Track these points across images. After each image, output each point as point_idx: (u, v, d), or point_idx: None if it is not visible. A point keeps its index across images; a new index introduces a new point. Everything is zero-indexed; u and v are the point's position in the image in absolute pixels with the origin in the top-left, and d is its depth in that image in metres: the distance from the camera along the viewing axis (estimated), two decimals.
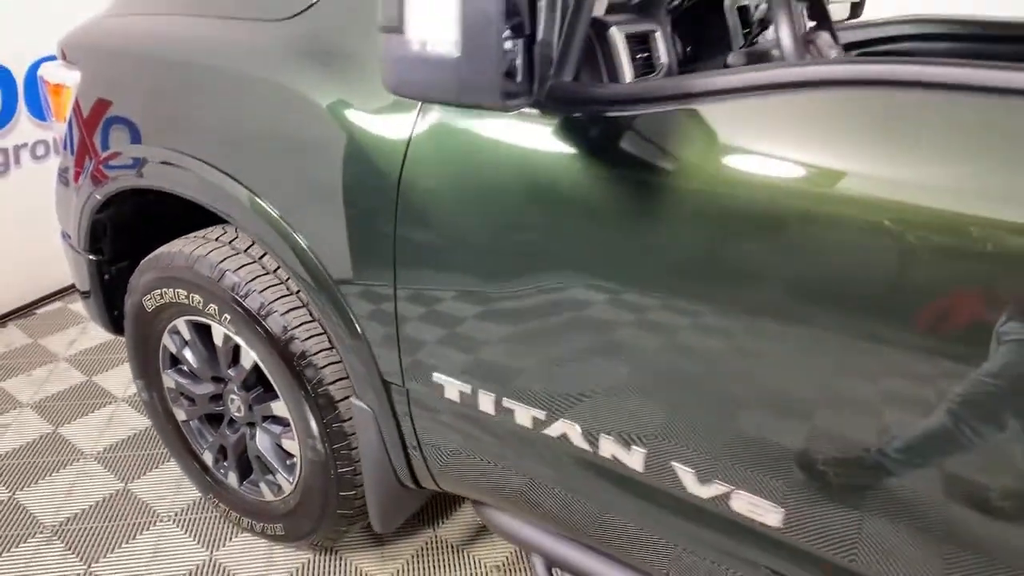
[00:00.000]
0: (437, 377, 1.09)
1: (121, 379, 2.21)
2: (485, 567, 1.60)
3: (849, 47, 2.26)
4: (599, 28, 0.98)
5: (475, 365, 1.04)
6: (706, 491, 0.89)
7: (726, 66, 1.24)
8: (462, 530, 1.70)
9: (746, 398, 0.82)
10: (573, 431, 0.99)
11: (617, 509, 1.03)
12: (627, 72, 0.99)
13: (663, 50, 1.12)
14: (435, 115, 0.96)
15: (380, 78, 0.72)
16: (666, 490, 0.93)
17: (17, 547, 1.60)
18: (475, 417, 1.08)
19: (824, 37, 1.25)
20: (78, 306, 2.58)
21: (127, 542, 1.62)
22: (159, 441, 1.77)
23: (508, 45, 0.64)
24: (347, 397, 1.28)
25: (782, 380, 0.79)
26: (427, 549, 1.64)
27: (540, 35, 0.72)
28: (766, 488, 0.84)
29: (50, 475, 1.82)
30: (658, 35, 1.11)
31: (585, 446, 0.98)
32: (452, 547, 1.65)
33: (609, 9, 1.01)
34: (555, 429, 1.00)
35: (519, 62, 0.71)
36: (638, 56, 1.05)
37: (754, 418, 0.83)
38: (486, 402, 1.06)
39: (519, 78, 0.71)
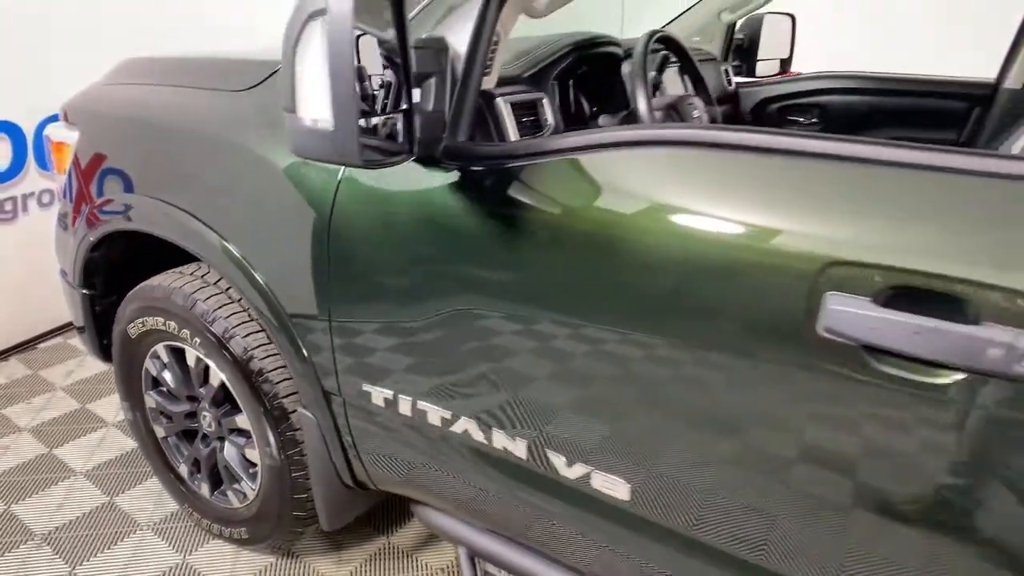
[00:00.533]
0: (365, 387, 1.29)
1: (113, 406, 2.41)
2: (431, 569, 1.77)
3: (779, 99, 2.52)
4: (488, 99, 1.21)
5: (394, 375, 1.24)
6: (572, 472, 1.09)
7: (598, 125, 1.47)
8: (413, 538, 1.87)
9: (606, 396, 1.02)
10: (472, 426, 1.18)
11: (514, 497, 1.21)
12: (512, 133, 1.22)
13: (549, 113, 1.35)
14: (355, 170, 1.19)
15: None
16: (542, 473, 1.13)
17: (10, 552, 1.78)
18: (396, 419, 1.28)
19: (695, 101, 1.48)
20: (76, 341, 2.79)
21: (109, 548, 1.80)
22: (143, 460, 1.95)
23: (376, 120, 0.86)
24: (296, 409, 1.48)
25: (629, 380, 0.98)
26: (380, 554, 1.81)
27: (417, 108, 0.95)
28: (618, 468, 1.03)
29: (43, 490, 2.01)
30: (544, 102, 1.34)
31: (482, 439, 1.18)
32: (403, 552, 1.82)
33: (500, 83, 1.24)
34: (459, 426, 1.20)
35: (400, 128, 0.94)
36: (525, 119, 1.28)
37: (606, 411, 1.02)
38: (404, 406, 1.26)
39: (400, 139, 0.94)
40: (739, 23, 2.54)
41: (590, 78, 1.55)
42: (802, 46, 2.70)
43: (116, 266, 1.84)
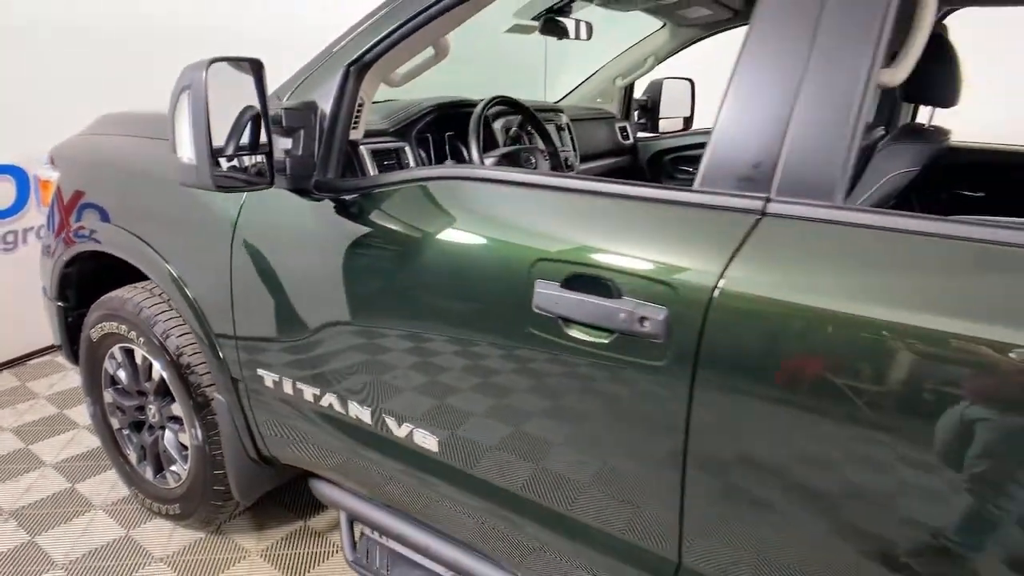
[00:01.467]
0: (259, 372, 1.62)
1: (85, 412, 2.73)
2: (337, 547, 2.05)
3: (670, 151, 2.91)
4: (354, 146, 1.57)
5: (279, 363, 1.57)
6: (400, 431, 1.40)
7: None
8: (327, 522, 2.16)
9: (419, 371, 1.34)
10: (334, 400, 1.50)
11: (365, 458, 1.52)
12: (371, 172, 1.58)
13: (411, 159, 1.71)
14: (250, 200, 1.55)
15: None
16: (383, 435, 1.44)
17: None
18: (282, 398, 1.61)
19: (532, 150, 1.84)
20: (61, 358, 3.13)
21: (66, 523, 2.11)
22: (104, 455, 2.27)
23: (228, 160, 1.23)
24: (213, 396, 1.80)
25: (431, 358, 1.31)
26: (296, 533, 2.10)
27: (290, 153, 1.31)
28: (429, 425, 1.35)
29: (14, 478, 2.33)
30: (406, 149, 1.71)
31: (341, 410, 1.50)
32: (316, 533, 2.11)
33: (368, 134, 1.60)
34: (325, 400, 1.52)
35: (264, 166, 1.30)
36: (389, 163, 1.63)
37: (420, 382, 1.34)
38: (287, 386, 1.58)
39: (263, 174, 1.30)
40: (644, 87, 2.93)
41: (456, 131, 1.93)
42: (708, 106, 3.09)
43: (85, 283, 2.20)
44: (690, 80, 2.95)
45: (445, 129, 1.86)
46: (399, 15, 1.37)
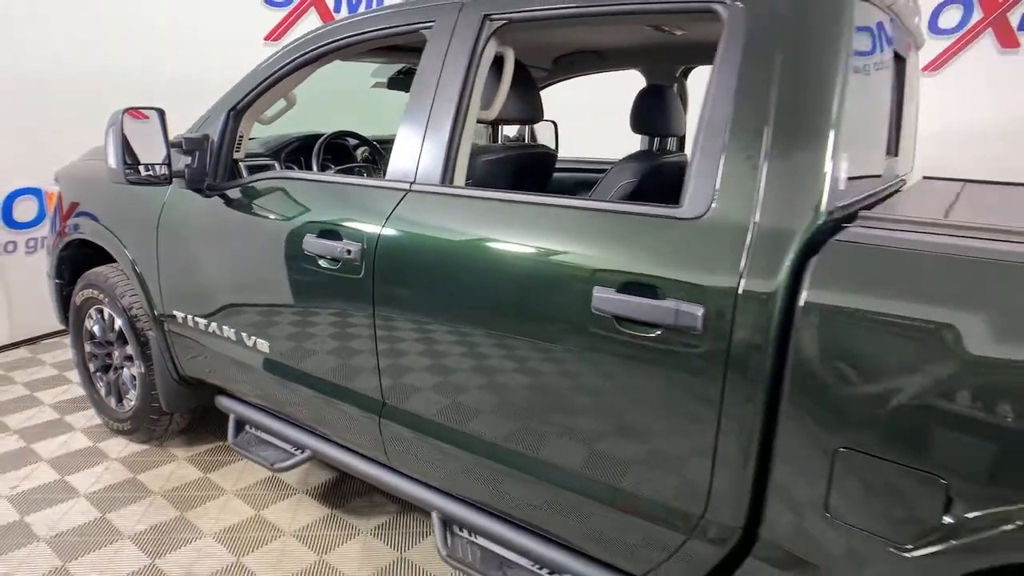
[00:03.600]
0: (174, 312, 2.43)
1: (76, 374, 3.57)
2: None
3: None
4: (235, 163, 2.38)
5: (184, 304, 2.38)
6: (249, 342, 2.18)
7: None
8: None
9: (261, 296, 2.12)
10: (214, 327, 2.29)
11: (238, 364, 2.30)
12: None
13: (278, 171, 2.53)
14: (168, 200, 2.37)
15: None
16: (245, 346, 2.22)
17: None
18: (189, 328, 2.40)
19: (363, 167, 2.65)
20: (66, 339, 3.99)
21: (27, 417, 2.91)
22: (85, 400, 3.08)
23: (142, 167, 2.06)
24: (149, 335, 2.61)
25: (267, 291, 2.09)
26: (217, 449, 2.87)
27: (188, 166, 2.15)
28: (262, 335, 2.13)
29: (22, 411, 3.15)
30: (276, 165, 2.52)
31: (219, 332, 2.29)
32: (229, 450, 2.87)
33: (249, 154, 2.42)
34: (212, 328, 2.31)
35: (164, 173, 2.13)
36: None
37: (261, 304, 2.13)
38: (190, 320, 2.38)
39: (163, 177, 2.13)
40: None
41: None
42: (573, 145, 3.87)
43: (75, 265, 3.04)
44: (554, 122, 3.75)
45: (308, 152, 2.70)
46: (257, 77, 2.21)
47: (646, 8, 1.50)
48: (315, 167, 2.55)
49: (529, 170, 2.20)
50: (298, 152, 2.64)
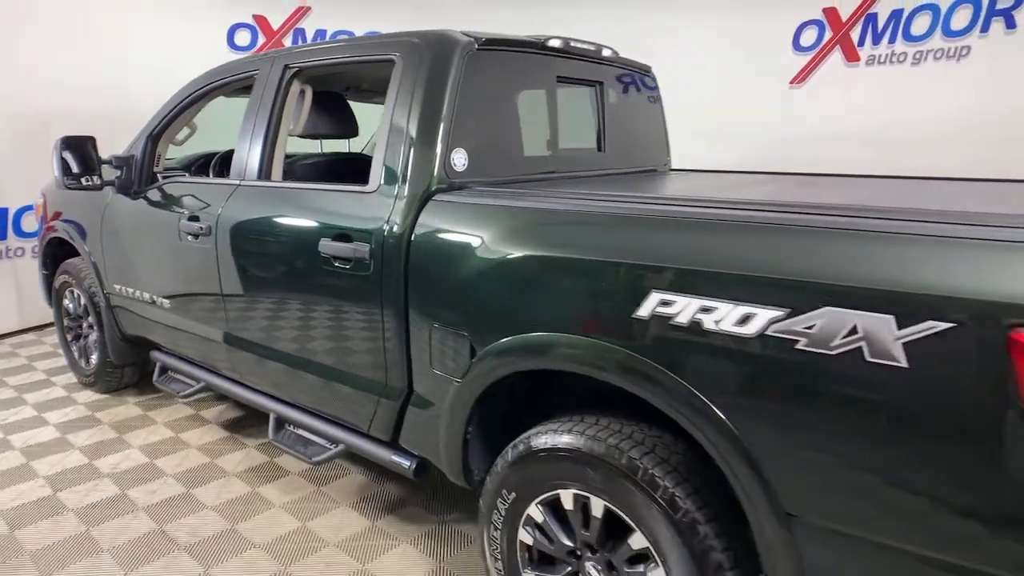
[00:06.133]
0: (115, 285, 3.29)
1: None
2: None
3: None
4: (153, 175, 3.21)
5: (120, 277, 3.24)
6: (159, 302, 3.02)
7: None
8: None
9: (166, 272, 2.96)
10: (139, 293, 3.14)
11: (156, 322, 3.14)
12: None
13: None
14: (109, 203, 3.24)
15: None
16: (156, 306, 3.06)
17: None
18: (124, 298, 3.26)
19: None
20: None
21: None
22: (69, 368, 3.96)
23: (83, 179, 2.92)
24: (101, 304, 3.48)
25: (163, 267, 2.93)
26: (158, 397, 3.71)
27: (118, 177, 3.02)
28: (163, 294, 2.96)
29: (25, 374, 4.05)
30: (186, 175, 3.37)
31: (140, 296, 3.13)
32: (168, 397, 3.72)
33: (166, 168, 3.27)
34: (140, 295, 3.16)
35: (97, 182, 3.00)
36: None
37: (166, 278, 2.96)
38: (126, 291, 3.24)
39: (96, 185, 3.00)
40: None
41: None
42: None
43: (56, 258, 3.94)
44: None
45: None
46: (163, 111, 3.07)
47: (357, 59, 2.31)
48: (211, 175, 3.39)
49: (342, 169, 2.99)
50: (204, 166, 3.49)
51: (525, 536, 1.83)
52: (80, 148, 2.98)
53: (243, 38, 5.71)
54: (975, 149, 4.11)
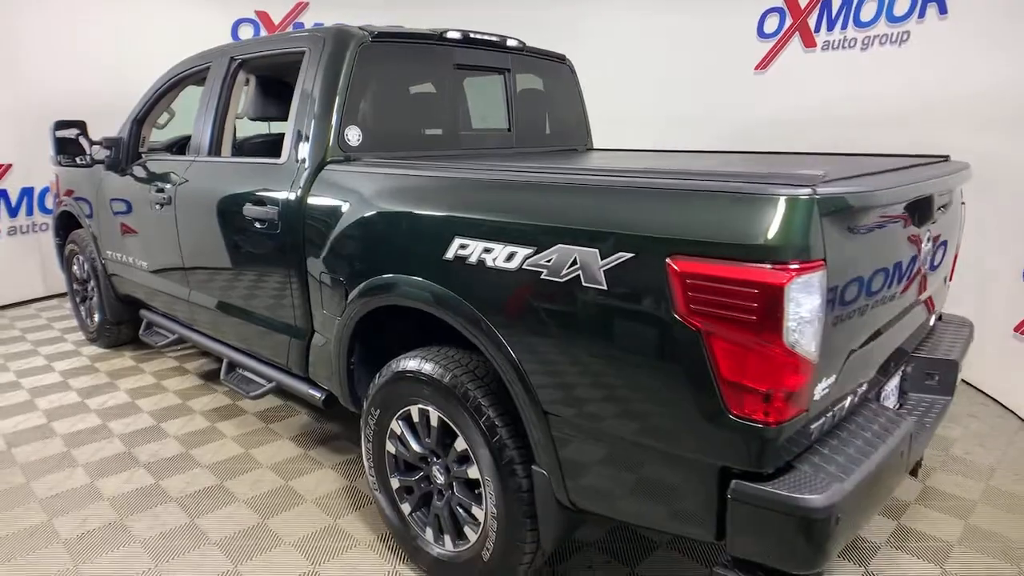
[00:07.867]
0: (108, 252, 3.79)
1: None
2: (189, 369, 4.15)
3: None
4: (139, 154, 3.68)
5: (112, 244, 3.73)
6: (145, 267, 3.50)
7: None
8: (184, 356, 4.26)
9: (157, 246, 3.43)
10: (131, 259, 3.62)
11: (142, 286, 3.62)
12: None
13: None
14: (104, 179, 3.73)
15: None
16: (139, 271, 3.54)
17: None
18: (115, 263, 3.76)
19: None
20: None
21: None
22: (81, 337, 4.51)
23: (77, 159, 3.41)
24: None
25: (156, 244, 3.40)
26: (152, 352, 4.22)
27: (108, 156, 3.50)
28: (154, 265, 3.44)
29: (44, 347, 4.62)
30: (167, 154, 3.83)
31: (133, 263, 3.62)
32: (161, 353, 4.21)
33: (149, 149, 3.73)
34: (134, 262, 3.64)
35: (89, 159, 3.49)
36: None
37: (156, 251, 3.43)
38: (118, 256, 3.73)
39: (87, 162, 3.49)
40: None
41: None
42: None
43: (66, 228, 4.48)
44: None
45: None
46: (144, 98, 3.53)
47: (283, 51, 2.71)
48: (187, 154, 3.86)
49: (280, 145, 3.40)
50: (183, 146, 3.95)
51: (391, 447, 2.21)
52: (72, 130, 3.47)
53: (246, 32, 6.19)
54: (922, 130, 4.27)
